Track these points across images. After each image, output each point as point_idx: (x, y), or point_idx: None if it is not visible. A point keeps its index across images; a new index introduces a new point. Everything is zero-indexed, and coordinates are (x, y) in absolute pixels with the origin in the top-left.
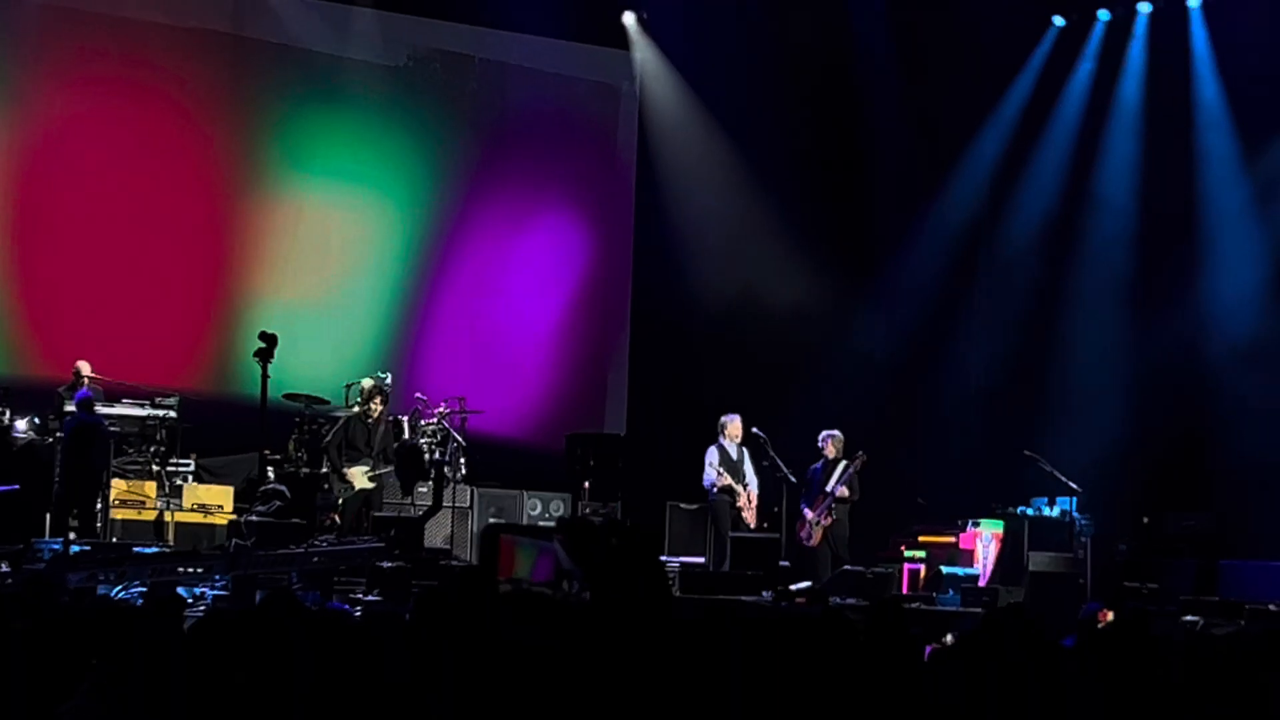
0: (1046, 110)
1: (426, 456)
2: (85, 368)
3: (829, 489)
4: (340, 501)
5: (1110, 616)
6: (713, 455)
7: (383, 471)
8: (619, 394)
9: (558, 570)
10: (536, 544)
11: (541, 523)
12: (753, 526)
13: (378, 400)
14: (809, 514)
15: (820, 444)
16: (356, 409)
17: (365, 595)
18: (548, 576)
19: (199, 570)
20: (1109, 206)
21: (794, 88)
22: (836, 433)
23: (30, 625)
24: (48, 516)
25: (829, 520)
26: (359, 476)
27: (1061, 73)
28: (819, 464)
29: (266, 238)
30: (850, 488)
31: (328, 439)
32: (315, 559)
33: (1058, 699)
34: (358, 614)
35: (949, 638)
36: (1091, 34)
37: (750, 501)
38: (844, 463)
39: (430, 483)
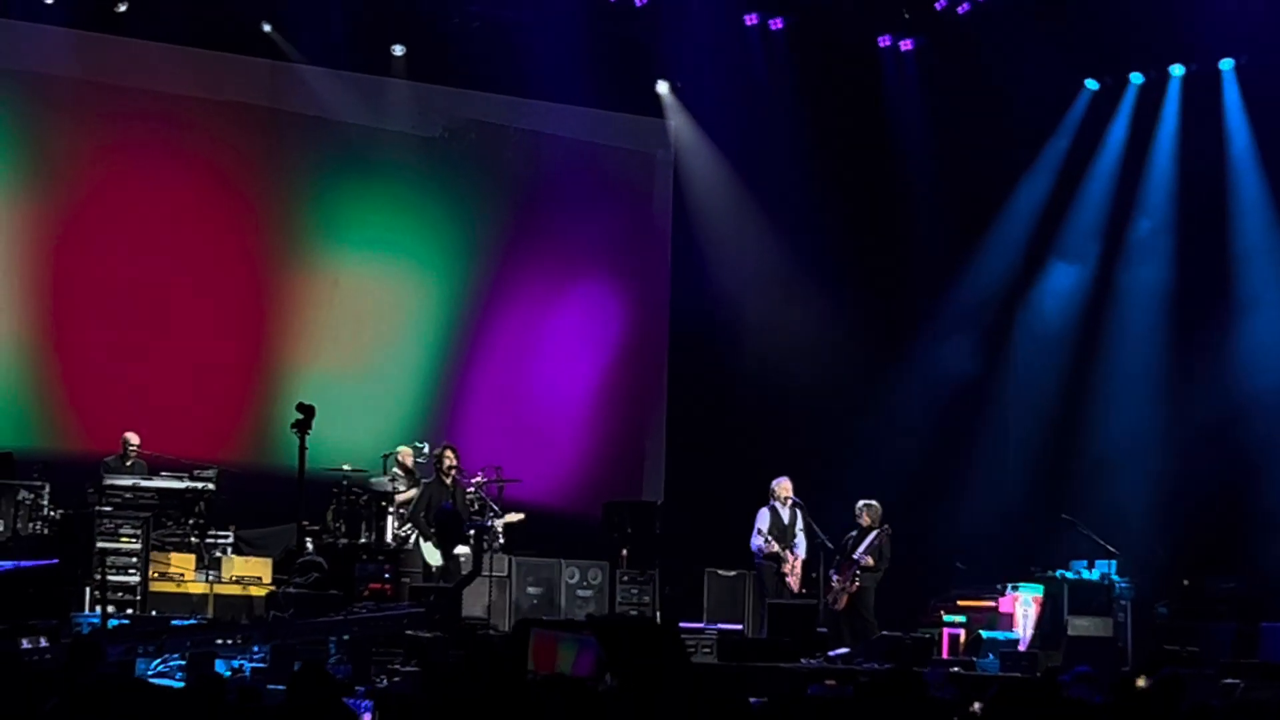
0: (1081, 173)
1: (466, 522)
2: (133, 439)
3: (855, 556)
4: (433, 569)
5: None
6: (763, 520)
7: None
8: (656, 461)
9: (599, 664)
10: (578, 638)
11: (579, 592)
12: (795, 592)
13: (449, 457)
14: (835, 580)
15: (856, 513)
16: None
17: (403, 666)
18: (589, 670)
19: (238, 640)
20: (1145, 268)
21: (828, 153)
22: (873, 503)
23: (61, 702)
24: (86, 590)
25: (855, 587)
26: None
27: (1095, 136)
28: (854, 532)
29: (303, 308)
30: (877, 556)
31: (412, 509)
32: (354, 625)
33: None
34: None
35: (976, 706)
36: (1124, 97)
37: (796, 567)
38: (875, 531)
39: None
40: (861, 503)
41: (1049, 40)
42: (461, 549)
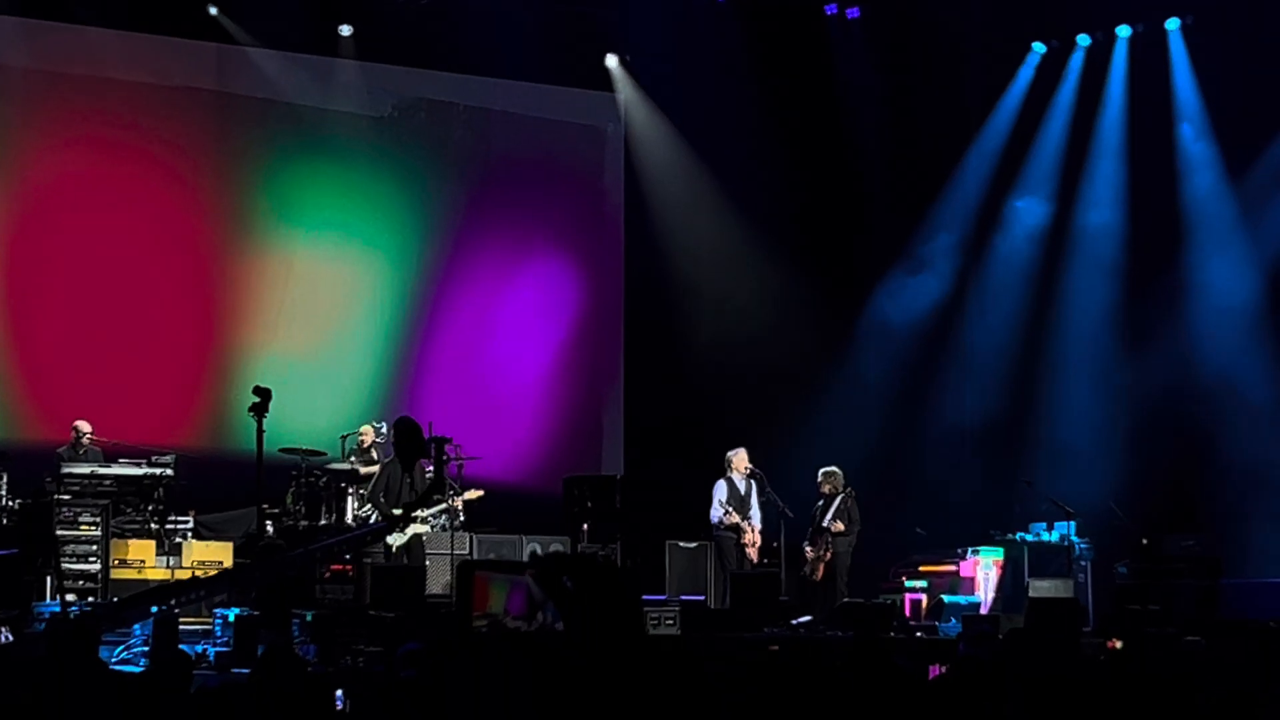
0: (1030, 137)
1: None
2: (85, 427)
3: (824, 524)
4: (393, 549)
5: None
6: (720, 491)
7: (432, 511)
8: (615, 435)
9: (531, 603)
10: (509, 578)
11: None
12: (755, 562)
13: None
14: (808, 551)
15: (818, 482)
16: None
17: (366, 646)
18: (521, 610)
19: (201, 595)
20: (1096, 231)
21: (778, 122)
22: (834, 470)
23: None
24: (48, 580)
25: (828, 555)
26: (414, 522)
27: (1043, 100)
28: (820, 502)
29: (257, 292)
30: (846, 520)
31: (370, 490)
32: (318, 554)
33: None
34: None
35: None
36: (1072, 59)
37: (754, 538)
38: (840, 497)
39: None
40: (822, 471)
41: (994, 4)
42: (421, 528)
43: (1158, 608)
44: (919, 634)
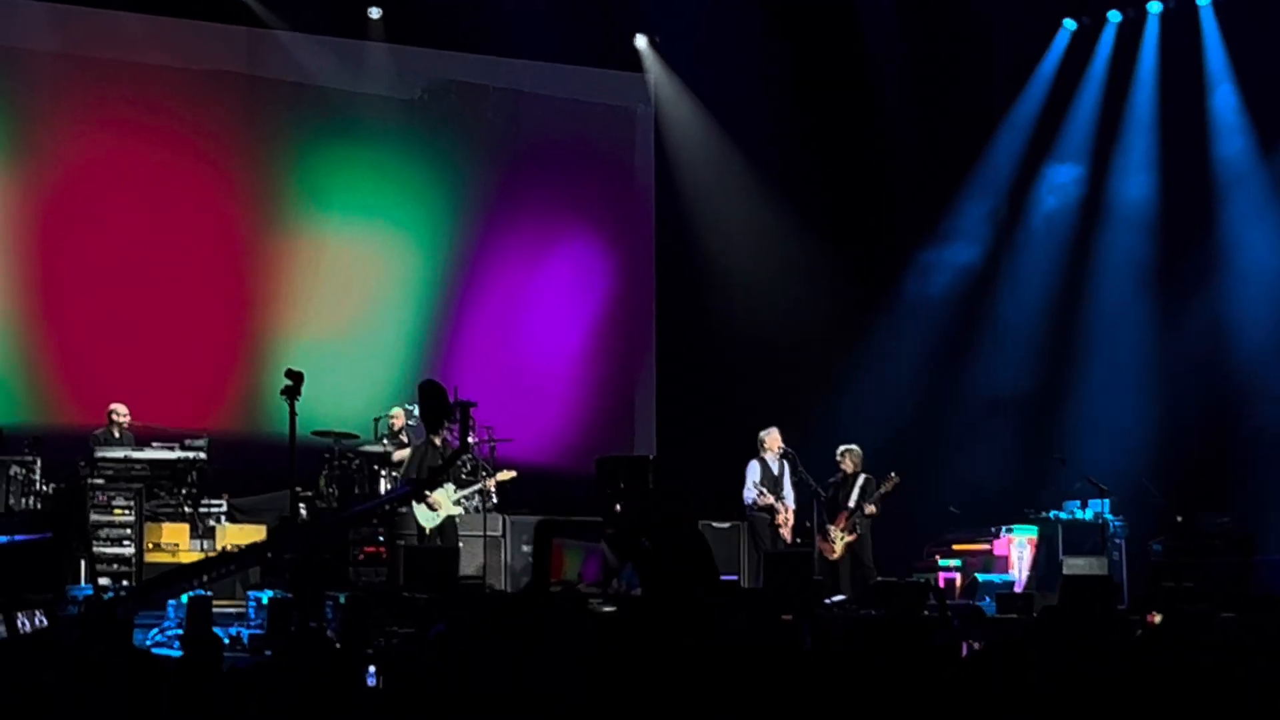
0: (1061, 112)
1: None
2: (122, 410)
3: (852, 504)
4: (426, 531)
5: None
6: (754, 472)
7: (465, 493)
8: (647, 415)
9: (606, 570)
10: (584, 546)
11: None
12: (789, 542)
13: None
14: (831, 528)
15: (838, 458)
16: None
17: (399, 629)
18: (596, 576)
19: (232, 569)
20: (1128, 206)
21: (808, 101)
22: (854, 447)
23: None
24: (81, 564)
25: (854, 536)
26: (445, 502)
27: (1075, 75)
28: (837, 477)
29: (289, 275)
30: (879, 504)
31: (403, 472)
32: (349, 520)
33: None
34: None
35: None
36: (1103, 36)
37: (788, 518)
38: (865, 477)
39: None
40: (842, 448)
41: None
42: (454, 510)
43: (1192, 585)
44: (951, 613)
